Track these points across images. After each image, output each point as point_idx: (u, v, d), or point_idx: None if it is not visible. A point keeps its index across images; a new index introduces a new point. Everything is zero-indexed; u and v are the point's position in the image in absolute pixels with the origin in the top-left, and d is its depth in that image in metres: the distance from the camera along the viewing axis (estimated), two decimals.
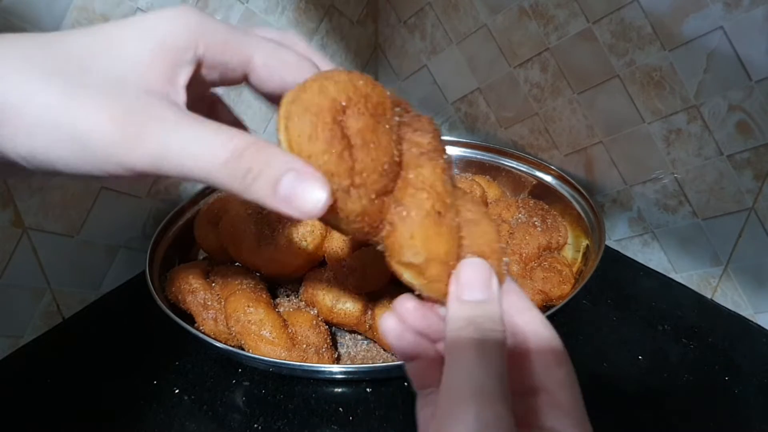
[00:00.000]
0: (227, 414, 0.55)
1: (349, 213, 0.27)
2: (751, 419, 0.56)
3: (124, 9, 0.60)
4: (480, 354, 0.26)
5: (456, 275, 0.29)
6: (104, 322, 0.66)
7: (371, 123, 0.27)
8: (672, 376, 0.60)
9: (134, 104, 0.25)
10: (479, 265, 0.29)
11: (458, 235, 0.29)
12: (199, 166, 0.25)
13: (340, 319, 0.60)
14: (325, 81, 0.26)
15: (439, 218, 0.28)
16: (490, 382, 0.25)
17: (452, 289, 0.29)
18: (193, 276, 0.63)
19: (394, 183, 0.28)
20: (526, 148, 0.83)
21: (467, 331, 0.27)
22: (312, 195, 0.25)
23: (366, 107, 0.27)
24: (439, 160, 0.29)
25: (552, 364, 0.30)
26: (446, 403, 0.25)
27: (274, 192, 0.25)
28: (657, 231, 0.73)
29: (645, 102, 0.67)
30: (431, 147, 0.29)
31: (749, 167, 0.61)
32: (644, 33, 0.64)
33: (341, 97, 0.26)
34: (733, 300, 0.68)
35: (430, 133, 0.30)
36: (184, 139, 0.25)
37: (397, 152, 0.28)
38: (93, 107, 0.25)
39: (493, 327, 0.27)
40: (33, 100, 0.25)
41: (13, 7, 0.52)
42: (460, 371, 0.26)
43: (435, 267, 0.28)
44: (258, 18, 0.75)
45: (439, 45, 0.86)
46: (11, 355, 0.61)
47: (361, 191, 0.27)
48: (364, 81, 0.28)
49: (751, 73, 0.58)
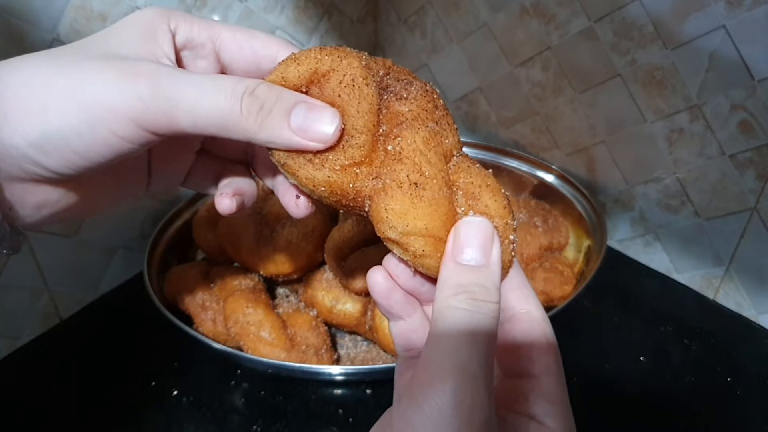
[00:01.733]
0: (226, 415, 0.55)
1: (315, 182, 0.28)
2: (753, 420, 0.55)
3: (122, 7, 0.60)
4: (468, 328, 0.24)
5: (455, 233, 0.27)
6: (102, 323, 0.66)
7: (345, 95, 0.28)
8: (674, 377, 0.60)
9: (140, 65, 0.28)
10: (480, 224, 0.27)
11: (448, 208, 0.27)
12: (216, 108, 0.27)
13: (339, 320, 0.60)
14: (301, 56, 0.29)
15: (416, 190, 0.27)
16: (474, 361, 0.23)
17: (448, 247, 0.27)
18: (191, 277, 0.62)
19: (370, 155, 0.28)
20: (527, 148, 0.83)
21: (459, 299, 0.25)
22: (324, 121, 0.27)
23: (340, 81, 0.28)
24: (420, 129, 0.28)
25: (543, 348, 0.29)
26: (425, 372, 0.24)
27: (288, 123, 0.27)
28: (659, 231, 0.73)
29: (647, 101, 0.67)
30: (412, 116, 0.28)
31: (752, 167, 0.61)
32: (646, 32, 0.63)
33: (319, 68, 0.28)
34: (736, 300, 0.68)
35: (415, 101, 0.29)
36: (197, 84, 0.27)
37: (373, 124, 0.28)
38: (99, 70, 0.27)
39: (487, 298, 0.25)
40: (40, 74, 0.27)
41: (10, 5, 0.51)
42: (444, 343, 0.24)
43: (418, 242, 0.27)
44: (257, 16, 0.74)
45: (439, 44, 0.86)
46: (9, 356, 0.61)
47: (323, 160, 0.28)
48: (341, 55, 0.29)
49: (753, 72, 0.57)
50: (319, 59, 0.29)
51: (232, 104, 0.27)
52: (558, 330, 0.31)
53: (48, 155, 0.27)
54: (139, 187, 0.36)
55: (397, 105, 0.28)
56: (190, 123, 0.27)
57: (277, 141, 0.27)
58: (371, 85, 0.28)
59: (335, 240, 0.61)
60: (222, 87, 0.27)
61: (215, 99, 0.27)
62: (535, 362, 0.28)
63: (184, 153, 0.37)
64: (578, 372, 0.60)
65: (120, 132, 0.27)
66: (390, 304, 0.30)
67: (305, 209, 0.35)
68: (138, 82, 0.27)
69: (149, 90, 0.27)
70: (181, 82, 0.27)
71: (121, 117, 0.27)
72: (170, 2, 0.64)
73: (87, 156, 0.27)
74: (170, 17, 0.31)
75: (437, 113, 0.29)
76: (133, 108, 0.26)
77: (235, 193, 0.36)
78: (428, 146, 0.28)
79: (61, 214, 0.32)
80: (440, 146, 0.28)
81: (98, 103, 0.26)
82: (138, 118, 0.27)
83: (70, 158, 0.27)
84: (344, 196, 0.28)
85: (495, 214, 0.28)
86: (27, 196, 0.30)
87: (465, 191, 0.28)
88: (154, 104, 0.27)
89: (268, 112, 0.27)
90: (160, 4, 0.62)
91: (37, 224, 0.32)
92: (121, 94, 0.26)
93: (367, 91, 0.28)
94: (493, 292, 0.25)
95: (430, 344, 0.25)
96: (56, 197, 0.31)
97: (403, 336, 0.31)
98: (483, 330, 0.24)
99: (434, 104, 0.29)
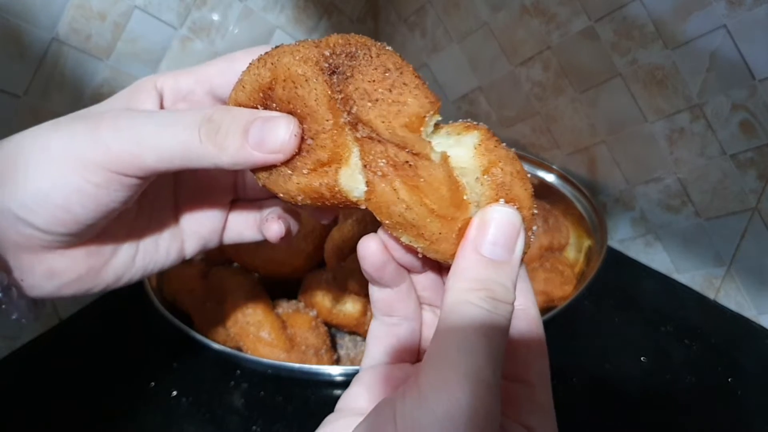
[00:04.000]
0: (225, 416, 0.55)
1: (291, 193, 0.27)
2: (753, 420, 0.55)
3: (121, 7, 0.59)
4: (485, 332, 0.23)
5: (481, 219, 0.25)
6: (101, 324, 0.66)
7: (292, 100, 0.27)
8: (674, 377, 0.59)
9: (106, 113, 0.29)
10: (511, 216, 0.25)
11: (445, 184, 0.25)
12: (176, 140, 0.27)
13: (339, 320, 0.60)
14: (244, 76, 0.29)
15: (400, 171, 0.25)
16: (489, 368, 0.22)
17: (470, 234, 0.25)
18: (190, 277, 0.62)
19: (337, 151, 0.27)
20: (527, 148, 0.83)
21: (477, 295, 0.23)
22: (279, 131, 0.27)
23: (283, 88, 0.27)
24: (373, 107, 0.26)
25: (538, 352, 0.28)
26: (436, 372, 0.22)
27: (245, 141, 0.27)
28: (660, 231, 0.72)
29: (647, 101, 0.66)
30: (359, 95, 0.26)
31: (753, 167, 0.61)
32: (647, 31, 0.63)
33: (262, 83, 0.28)
34: (736, 301, 0.67)
35: (360, 74, 0.26)
36: (157, 120, 0.28)
37: (328, 119, 0.27)
38: (71, 125, 0.28)
39: (505, 298, 0.24)
40: (36, 138, 0.29)
41: (9, 4, 0.51)
42: (459, 342, 0.23)
43: (411, 230, 0.25)
44: (256, 16, 0.74)
45: (439, 43, 0.86)
46: (8, 357, 0.61)
47: (293, 169, 0.27)
48: (274, 60, 0.28)
49: (754, 71, 0.57)
50: (258, 73, 0.28)
51: (191, 133, 0.27)
52: (558, 330, 0.30)
53: (35, 213, 0.28)
54: (170, 255, 0.36)
55: (347, 86, 0.26)
56: (154, 158, 0.28)
57: (240, 161, 0.27)
58: (312, 78, 0.26)
59: (335, 240, 0.61)
60: (180, 119, 0.28)
61: (174, 131, 0.27)
62: (530, 367, 0.28)
63: (212, 207, 0.37)
64: (578, 372, 0.59)
65: (92, 179, 0.28)
66: (381, 276, 0.29)
67: (276, 233, 0.35)
68: (100, 128, 0.28)
69: (110, 133, 0.27)
70: (139, 122, 0.28)
71: (88, 163, 0.27)
72: (170, 2, 0.64)
73: (70, 209, 0.28)
74: (157, 79, 0.33)
75: (389, 80, 0.26)
76: (98, 153, 0.27)
77: (280, 216, 0.36)
78: (386, 122, 0.25)
79: (75, 285, 0.32)
80: (399, 117, 0.26)
81: (68, 155, 0.27)
82: (105, 162, 0.27)
83: (57, 214, 0.28)
84: (326, 199, 0.28)
85: (524, 205, 0.26)
86: (35, 265, 0.30)
87: (487, 171, 0.26)
88: (116, 146, 0.27)
89: (225, 134, 0.27)
90: (157, 3, 0.62)
91: (54, 295, 0.32)
92: (85, 142, 0.27)
93: (310, 87, 0.27)
94: (511, 292, 0.24)
95: (442, 339, 0.23)
96: (63, 265, 0.31)
97: (387, 303, 0.30)
98: (499, 333, 0.23)
99: (384, 68, 0.26)
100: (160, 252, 0.36)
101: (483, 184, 0.26)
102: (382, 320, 0.31)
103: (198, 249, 0.37)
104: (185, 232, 0.37)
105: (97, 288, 0.34)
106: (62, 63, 0.57)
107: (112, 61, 0.61)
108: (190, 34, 0.68)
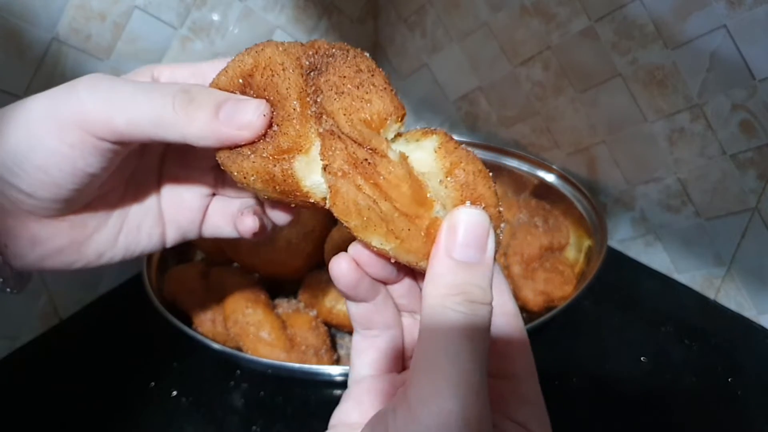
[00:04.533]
0: (225, 416, 0.55)
1: (246, 172, 0.28)
2: (754, 420, 0.55)
3: (121, 6, 0.59)
4: (468, 335, 0.23)
5: (449, 223, 0.25)
6: (101, 323, 0.66)
7: (268, 87, 0.28)
8: (675, 377, 0.59)
9: (96, 77, 0.29)
10: (478, 217, 0.25)
11: (403, 184, 0.25)
12: (150, 104, 0.28)
13: (339, 320, 0.60)
14: (228, 64, 0.30)
15: (362, 167, 0.25)
16: (476, 372, 0.22)
17: (441, 238, 0.25)
18: (190, 277, 0.62)
19: (300, 141, 0.28)
20: (527, 148, 0.83)
21: (454, 300, 0.23)
22: (248, 110, 0.28)
23: (261, 75, 0.28)
24: (348, 100, 0.26)
25: (520, 346, 0.28)
26: (422, 383, 0.22)
27: (216, 115, 0.28)
28: (660, 231, 0.72)
29: (648, 101, 0.66)
30: (328, 86, 0.27)
31: (753, 167, 0.61)
32: (647, 31, 0.63)
33: (244, 69, 0.29)
34: (737, 301, 0.67)
35: (334, 69, 0.27)
36: (135, 86, 0.29)
37: (295, 108, 0.28)
38: (52, 90, 0.29)
39: (483, 299, 0.24)
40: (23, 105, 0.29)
41: (10, 4, 0.51)
42: (443, 351, 0.22)
43: (380, 227, 0.25)
44: (256, 15, 0.74)
45: (439, 43, 0.86)
46: (8, 357, 0.61)
47: (253, 150, 0.28)
48: (258, 50, 0.29)
49: (754, 71, 0.57)
50: (242, 60, 0.29)
51: (165, 101, 0.28)
52: (558, 330, 0.30)
53: (17, 176, 0.29)
54: (152, 240, 0.37)
55: (318, 79, 0.28)
56: (124, 120, 0.28)
57: (207, 133, 0.28)
58: (289, 69, 0.28)
59: (335, 240, 0.61)
60: (157, 87, 0.29)
61: (150, 96, 0.28)
62: (514, 361, 0.27)
63: (192, 198, 0.38)
64: (578, 372, 0.59)
65: (66, 139, 0.28)
66: (356, 293, 0.29)
67: (286, 218, 0.36)
68: (78, 88, 0.28)
69: (88, 92, 0.28)
70: (117, 84, 0.29)
71: (63, 122, 0.28)
72: (170, 2, 0.64)
73: (48, 171, 0.29)
74: (154, 68, 0.34)
75: (359, 78, 0.27)
76: (72, 109, 0.28)
77: (255, 212, 0.36)
78: (347, 114, 0.26)
79: (58, 257, 0.33)
80: (360, 112, 0.26)
81: (46, 115, 0.28)
82: (78, 120, 0.28)
83: (37, 176, 0.29)
84: (278, 183, 0.28)
85: (489, 203, 0.26)
86: (19, 230, 0.31)
87: (450, 173, 0.26)
88: (90, 103, 0.28)
89: (198, 106, 0.28)
90: (158, 3, 0.62)
91: (35, 265, 0.33)
92: (61, 100, 0.28)
93: (284, 75, 0.28)
94: (488, 292, 0.24)
95: (425, 348, 0.23)
96: (46, 234, 0.32)
97: (365, 317, 0.30)
98: (480, 335, 0.23)
99: (356, 68, 0.27)
100: (142, 234, 0.36)
101: (447, 186, 0.26)
102: (362, 333, 0.31)
103: (178, 238, 0.38)
104: (166, 219, 0.37)
105: (78, 264, 0.34)
106: (62, 63, 0.57)
107: (113, 61, 0.61)
108: (190, 34, 0.68)
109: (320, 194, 0.28)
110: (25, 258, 0.32)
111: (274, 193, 0.29)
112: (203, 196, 0.38)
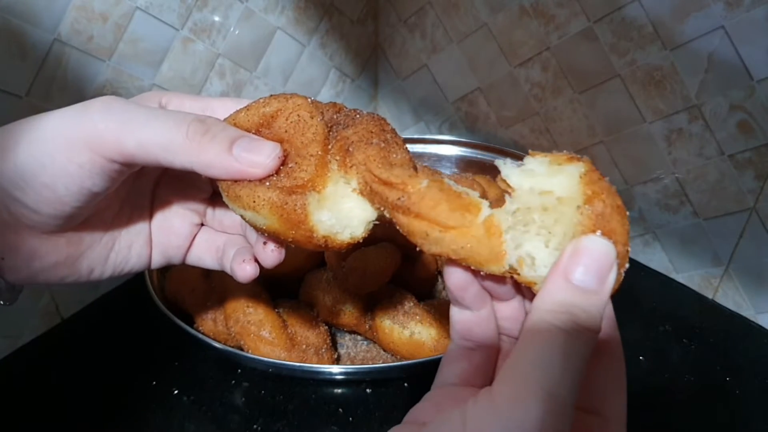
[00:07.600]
0: (226, 415, 0.55)
1: (257, 198, 0.29)
2: (752, 420, 0.55)
3: (123, 8, 0.60)
4: (564, 350, 0.23)
5: (575, 247, 0.25)
6: (103, 323, 0.66)
7: (291, 129, 0.31)
8: (673, 376, 0.60)
9: (109, 99, 0.30)
10: (606, 247, 0.25)
11: (441, 204, 0.27)
12: (162, 129, 0.29)
13: (339, 319, 0.60)
14: (251, 104, 0.32)
15: (375, 189, 0.28)
16: (565, 387, 0.22)
17: (563, 261, 0.25)
18: (192, 276, 0.62)
19: (316, 180, 0.30)
20: (526, 148, 0.83)
21: (560, 317, 0.23)
22: (263, 151, 0.29)
23: (287, 118, 0.31)
24: (369, 147, 0.29)
25: (618, 388, 0.27)
26: (510, 383, 0.22)
27: (229, 150, 0.29)
28: (658, 231, 0.73)
29: (646, 101, 0.67)
30: (358, 137, 0.30)
31: (750, 167, 0.61)
32: (645, 32, 0.63)
33: (267, 111, 0.31)
34: (735, 300, 0.68)
35: (361, 125, 0.30)
36: (149, 111, 0.29)
37: (319, 151, 0.30)
38: (63, 110, 0.30)
39: (589, 325, 0.23)
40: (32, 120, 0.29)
41: (12, 5, 0.51)
42: (537, 359, 0.23)
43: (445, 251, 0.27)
44: (257, 17, 0.74)
45: (439, 44, 0.86)
46: (10, 356, 0.61)
47: (265, 181, 0.30)
48: (287, 97, 0.32)
49: (752, 72, 0.57)
50: (266, 103, 0.31)
51: (179, 128, 0.29)
52: None
53: (22, 191, 0.29)
54: (140, 260, 0.38)
55: (345, 132, 0.30)
56: (135, 143, 0.28)
57: (217, 165, 0.29)
58: (316, 117, 0.31)
59: None
60: (172, 114, 0.29)
61: (164, 121, 0.29)
62: (607, 402, 0.27)
63: (181, 226, 0.38)
64: None
65: (76, 159, 0.28)
66: (463, 296, 0.29)
67: (274, 257, 0.36)
68: (91, 110, 0.29)
69: (101, 114, 0.29)
70: (131, 107, 0.29)
71: (74, 142, 0.28)
72: (171, 3, 0.64)
73: (55, 189, 0.29)
74: (163, 95, 0.34)
75: (384, 135, 0.30)
76: (84, 130, 0.28)
77: (254, 258, 0.37)
78: (380, 156, 0.29)
79: (52, 272, 0.33)
80: (389, 158, 0.30)
81: (57, 134, 0.29)
82: (88, 140, 0.28)
83: (43, 193, 0.29)
84: (287, 213, 0.29)
85: (620, 240, 0.26)
86: (19, 245, 0.31)
87: (589, 201, 0.26)
88: (102, 124, 0.28)
89: (212, 138, 0.29)
90: (158, 4, 0.63)
91: (30, 279, 0.33)
92: (73, 120, 0.29)
93: (312, 123, 0.30)
94: (596, 320, 0.24)
95: (520, 354, 0.23)
96: (46, 249, 0.32)
97: (465, 326, 0.30)
98: (578, 356, 0.23)
99: (381, 127, 0.31)
100: (132, 254, 0.37)
101: (583, 213, 0.26)
102: (458, 343, 0.31)
103: (163, 261, 0.39)
104: (154, 242, 0.38)
105: (70, 278, 0.35)
106: (64, 64, 0.57)
107: (114, 62, 0.61)
108: (192, 35, 0.68)
109: (323, 231, 0.30)
110: (20, 272, 0.32)
111: (276, 224, 0.30)
112: (192, 224, 0.39)
